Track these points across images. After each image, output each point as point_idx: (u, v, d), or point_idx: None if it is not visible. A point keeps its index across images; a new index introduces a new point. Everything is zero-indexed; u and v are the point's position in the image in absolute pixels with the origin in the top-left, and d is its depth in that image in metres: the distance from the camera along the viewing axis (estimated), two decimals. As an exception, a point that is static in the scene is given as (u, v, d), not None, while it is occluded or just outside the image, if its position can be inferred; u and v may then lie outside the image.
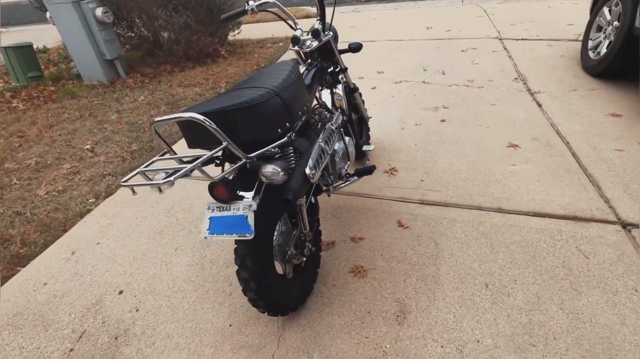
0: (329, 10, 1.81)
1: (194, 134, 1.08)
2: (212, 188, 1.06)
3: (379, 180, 2.09)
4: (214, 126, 0.95)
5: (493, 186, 1.96)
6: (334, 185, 1.59)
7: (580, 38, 4.19)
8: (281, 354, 1.26)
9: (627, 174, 1.94)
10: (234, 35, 5.09)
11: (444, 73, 3.56)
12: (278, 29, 5.95)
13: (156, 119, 0.98)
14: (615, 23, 2.98)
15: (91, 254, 1.78)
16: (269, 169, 1.04)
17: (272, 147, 1.11)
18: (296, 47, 1.76)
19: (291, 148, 1.23)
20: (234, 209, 1.06)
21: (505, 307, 1.34)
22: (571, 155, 2.16)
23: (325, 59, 1.86)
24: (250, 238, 1.01)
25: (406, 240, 1.67)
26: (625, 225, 1.63)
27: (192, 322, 1.40)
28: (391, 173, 2.15)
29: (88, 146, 2.87)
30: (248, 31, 5.49)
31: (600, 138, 2.28)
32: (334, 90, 1.89)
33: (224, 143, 0.98)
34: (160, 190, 0.94)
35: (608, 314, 1.28)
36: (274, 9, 1.74)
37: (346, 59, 2.07)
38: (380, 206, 1.90)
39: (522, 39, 4.27)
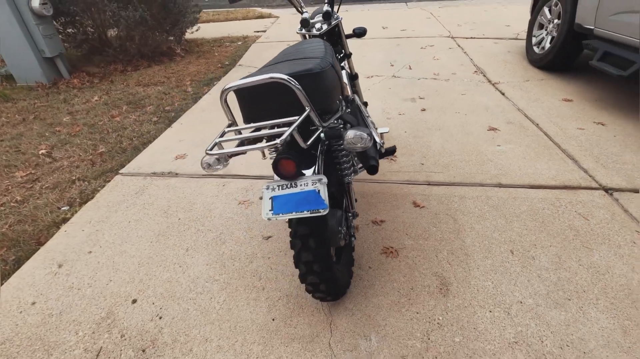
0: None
1: (258, 104, 1.00)
2: (278, 164, 0.98)
3: (382, 167, 2.12)
4: (301, 90, 0.88)
5: (487, 165, 2.09)
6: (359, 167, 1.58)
7: (519, 36, 4.68)
8: (337, 341, 1.20)
9: (593, 148, 2.19)
10: (192, 32, 4.83)
11: (410, 68, 3.73)
12: (233, 29, 5.79)
13: (229, 85, 0.89)
14: (556, 21, 3.36)
15: (85, 264, 1.55)
16: (357, 134, 0.99)
17: (336, 118, 1.06)
18: (303, 31, 1.72)
19: (341, 120, 1.18)
20: (301, 185, 0.99)
21: (534, 269, 1.42)
22: (543, 134, 2.39)
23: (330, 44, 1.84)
24: (325, 213, 0.96)
25: (425, 218, 1.71)
26: (607, 189, 1.84)
27: (229, 322, 1.28)
28: (391, 159, 2.19)
29: (43, 151, 2.51)
30: (201, 31, 5.25)
31: (562, 119, 2.55)
32: None
33: (307, 110, 0.92)
34: (263, 155, 0.98)
35: (619, 265, 1.42)
36: None
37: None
38: (390, 190, 1.92)
39: (472, 38, 4.64)
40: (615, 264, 1.42)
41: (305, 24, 1.71)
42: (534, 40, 3.73)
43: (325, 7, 1.72)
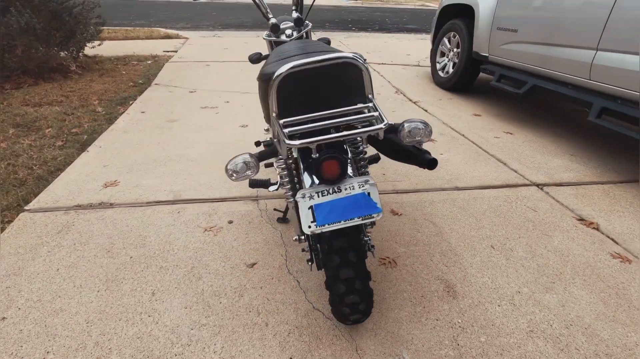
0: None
1: (302, 94, 0.86)
2: (320, 165, 0.84)
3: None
4: (369, 73, 0.78)
5: (440, 171, 2.23)
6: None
7: (421, 63, 5.32)
8: (370, 367, 1.07)
9: (512, 152, 2.55)
10: (94, 47, 4.18)
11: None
12: (138, 47, 5.24)
13: (286, 67, 0.74)
14: (455, 49, 3.92)
15: (1, 337, 1.10)
16: (414, 126, 0.90)
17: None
18: (272, 37, 1.62)
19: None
20: (346, 189, 0.87)
21: (516, 260, 1.53)
22: (472, 143, 2.69)
23: None
24: (379, 218, 0.85)
25: (407, 225, 1.71)
26: (538, 185, 2.13)
27: (237, 373, 1.04)
28: (353, 172, 2.17)
29: None
30: (98, 48, 4.60)
31: (480, 130, 2.93)
32: None
33: (371, 98, 0.81)
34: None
35: (574, 246, 1.63)
36: None
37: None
38: (363, 202, 1.88)
39: (383, 63, 5.09)
40: (571, 246, 1.63)
41: (275, 29, 1.61)
42: (438, 65, 4.26)
43: (296, 14, 1.65)
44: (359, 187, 0.88)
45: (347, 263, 0.93)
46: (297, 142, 0.75)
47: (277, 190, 1.42)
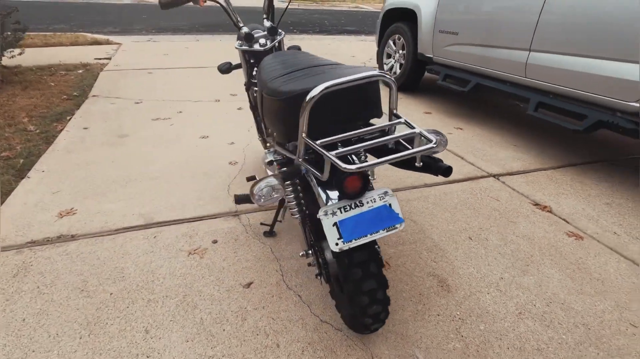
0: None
1: (327, 112, 0.84)
2: (344, 182, 0.84)
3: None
4: (396, 90, 0.78)
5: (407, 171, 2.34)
6: None
7: (368, 64, 5.50)
8: (388, 372, 1.09)
9: (465, 146, 2.76)
10: (13, 57, 3.66)
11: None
12: (63, 55, 4.73)
13: (320, 87, 0.71)
14: (401, 51, 4.12)
15: (-31, 411, 0.93)
16: (437, 136, 0.92)
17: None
18: (244, 47, 1.57)
19: None
20: (368, 202, 0.87)
21: (492, 248, 1.66)
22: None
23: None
24: (402, 228, 0.86)
25: (391, 226, 1.77)
26: (494, 176, 2.33)
27: (259, 402, 0.99)
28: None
29: None
30: (18, 57, 4.07)
31: (433, 128, 3.12)
32: None
33: (402, 118, 0.82)
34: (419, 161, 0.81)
35: (536, 229, 1.81)
36: (221, 1, 1.49)
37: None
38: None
39: (331, 66, 5.18)
40: (534, 229, 1.81)
41: (249, 38, 1.56)
42: (385, 67, 4.44)
43: (268, 23, 1.61)
44: (380, 199, 0.89)
45: (369, 275, 0.93)
46: (353, 167, 0.71)
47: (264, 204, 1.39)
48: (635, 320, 1.31)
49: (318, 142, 0.79)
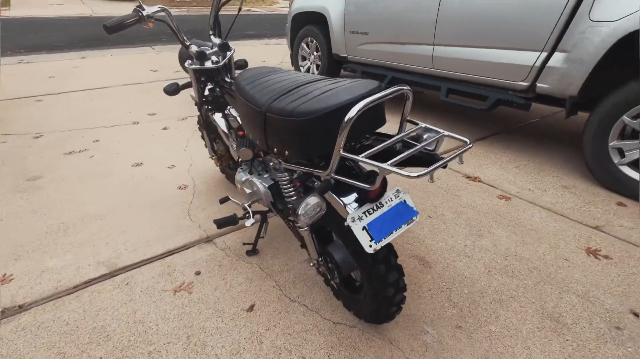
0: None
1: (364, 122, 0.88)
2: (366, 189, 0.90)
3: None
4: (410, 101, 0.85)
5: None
6: None
7: (284, 67, 5.56)
8: (409, 351, 1.20)
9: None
10: None
11: (217, 105, 3.73)
12: None
13: (361, 105, 0.75)
14: (316, 53, 4.29)
15: None
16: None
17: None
18: (195, 66, 1.50)
19: None
20: (386, 203, 0.94)
21: (449, 221, 1.89)
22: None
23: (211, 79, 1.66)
24: (417, 219, 0.96)
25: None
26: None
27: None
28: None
29: None
30: None
31: (363, 122, 3.35)
32: (226, 111, 1.74)
33: (442, 133, 0.89)
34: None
35: (476, 198, 2.11)
36: (166, 19, 1.40)
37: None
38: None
39: (246, 72, 5.11)
40: (474, 199, 2.11)
41: (202, 56, 1.49)
42: (302, 69, 4.57)
43: (217, 39, 1.56)
44: (396, 198, 0.97)
45: (392, 267, 1.02)
46: (415, 174, 0.76)
47: (254, 223, 1.38)
48: (566, 255, 1.65)
49: (362, 155, 0.84)
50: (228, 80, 1.61)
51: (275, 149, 1.01)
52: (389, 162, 0.82)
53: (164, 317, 1.30)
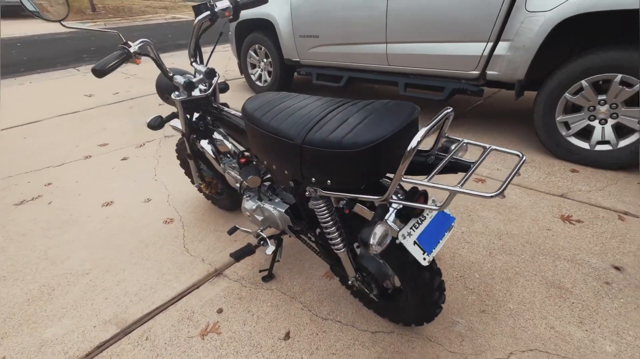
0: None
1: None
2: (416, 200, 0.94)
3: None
4: None
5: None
6: None
7: (229, 76, 5.39)
8: (449, 344, 1.27)
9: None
10: None
11: (173, 125, 3.54)
12: None
13: (427, 128, 0.77)
14: (266, 59, 4.23)
15: None
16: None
17: None
18: (182, 97, 1.43)
19: None
20: (428, 214, 0.99)
21: (441, 211, 2.01)
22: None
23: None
24: (455, 224, 1.01)
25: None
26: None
27: None
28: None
29: None
30: None
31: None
32: (213, 136, 1.68)
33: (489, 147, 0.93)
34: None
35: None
36: (150, 52, 1.31)
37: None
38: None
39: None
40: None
41: (190, 86, 1.42)
42: (253, 77, 4.48)
43: (202, 66, 1.49)
44: (435, 208, 1.03)
45: (435, 272, 1.07)
46: (490, 194, 0.78)
47: (272, 251, 1.37)
48: (547, 225, 1.85)
49: (422, 179, 0.87)
50: (215, 105, 1.56)
51: (314, 179, 1.00)
52: (429, 177, 0.87)
53: (201, 366, 1.23)
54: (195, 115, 1.58)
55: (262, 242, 1.48)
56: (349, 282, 1.23)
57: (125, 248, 1.83)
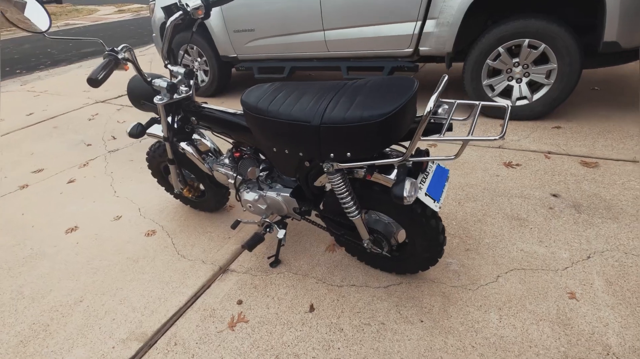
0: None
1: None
2: (420, 164, 1.09)
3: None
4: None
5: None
6: None
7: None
8: (450, 278, 1.49)
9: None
10: None
11: (114, 138, 3.31)
12: None
13: (437, 94, 0.90)
14: (200, 59, 4.11)
15: None
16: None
17: None
18: (165, 100, 1.43)
19: None
20: (429, 169, 1.16)
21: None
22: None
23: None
24: (449, 174, 1.20)
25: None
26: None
27: (416, 361, 1.20)
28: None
29: None
30: None
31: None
32: (194, 136, 1.69)
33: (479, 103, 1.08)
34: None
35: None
36: (132, 57, 1.29)
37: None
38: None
39: (120, 96, 4.54)
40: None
41: (173, 89, 1.41)
42: (188, 78, 4.31)
43: (179, 68, 1.47)
44: (432, 164, 1.20)
45: (438, 218, 1.26)
46: (495, 137, 0.94)
47: (285, 233, 1.46)
48: (496, 172, 2.17)
49: (435, 136, 1.02)
50: (198, 104, 1.56)
51: (332, 154, 1.11)
52: (442, 134, 1.04)
53: (241, 354, 1.28)
54: (177, 117, 1.56)
55: (268, 229, 1.54)
56: (364, 244, 1.37)
57: (113, 268, 1.74)
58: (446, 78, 1.05)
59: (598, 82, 3.27)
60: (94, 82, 1.12)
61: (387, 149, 1.24)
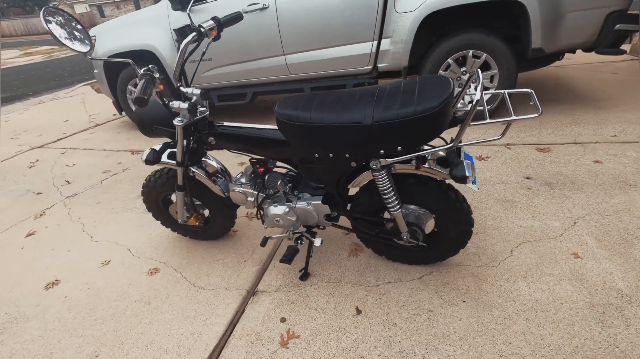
0: None
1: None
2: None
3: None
4: None
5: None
6: None
7: (99, 119, 4.72)
8: (472, 259, 1.60)
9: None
10: None
11: (68, 182, 2.99)
12: None
13: (482, 81, 1.01)
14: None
15: None
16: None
17: None
18: (183, 122, 1.39)
19: None
20: (460, 159, 1.28)
21: (398, 179, 2.38)
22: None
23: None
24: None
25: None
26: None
27: None
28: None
29: None
30: None
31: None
32: (203, 159, 1.66)
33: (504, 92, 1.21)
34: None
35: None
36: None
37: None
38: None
39: (66, 136, 4.14)
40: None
41: (195, 109, 1.38)
42: (139, 113, 4.10)
43: (192, 89, 1.43)
44: (461, 155, 1.32)
45: (467, 203, 1.37)
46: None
47: (321, 243, 1.48)
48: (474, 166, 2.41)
49: (482, 122, 1.13)
50: (216, 124, 1.53)
51: (382, 151, 1.17)
52: (487, 119, 1.17)
53: (304, 368, 1.24)
54: (192, 139, 1.51)
55: (299, 241, 1.53)
56: (403, 238, 1.44)
57: (123, 315, 1.57)
58: (480, 73, 1.19)
59: (531, 83, 3.83)
60: (142, 101, 1.07)
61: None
